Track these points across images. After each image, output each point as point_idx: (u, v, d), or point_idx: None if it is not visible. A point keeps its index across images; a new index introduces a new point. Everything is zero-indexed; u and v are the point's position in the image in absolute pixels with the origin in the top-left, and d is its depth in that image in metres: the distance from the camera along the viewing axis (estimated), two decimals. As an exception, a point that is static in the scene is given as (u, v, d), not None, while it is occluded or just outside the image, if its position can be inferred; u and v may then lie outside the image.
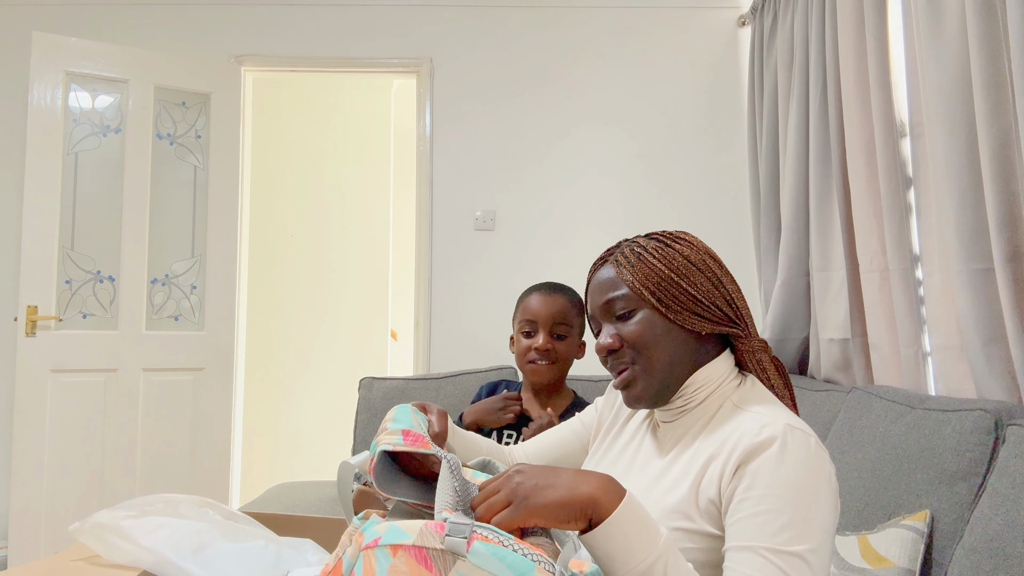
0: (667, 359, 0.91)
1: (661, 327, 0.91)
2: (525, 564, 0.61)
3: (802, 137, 2.44)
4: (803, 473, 0.77)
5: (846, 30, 2.15)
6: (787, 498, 0.76)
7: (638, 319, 0.91)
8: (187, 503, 0.85)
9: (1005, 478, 1.23)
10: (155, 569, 0.72)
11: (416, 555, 0.61)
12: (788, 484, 0.77)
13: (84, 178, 2.96)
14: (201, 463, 3.03)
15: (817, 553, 0.75)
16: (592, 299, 0.97)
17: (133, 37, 3.18)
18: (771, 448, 0.79)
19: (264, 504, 2.40)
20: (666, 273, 0.91)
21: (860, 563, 1.34)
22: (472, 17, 3.26)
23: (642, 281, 0.91)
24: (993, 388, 1.52)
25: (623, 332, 0.93)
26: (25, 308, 2.82)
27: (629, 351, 0.92)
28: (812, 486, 0.77)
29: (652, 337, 0.91)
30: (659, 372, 0.92)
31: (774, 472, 0.77)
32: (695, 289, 0.91)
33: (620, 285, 0.93)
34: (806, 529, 0.75)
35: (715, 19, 3.25)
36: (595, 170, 3.21)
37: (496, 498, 0.70)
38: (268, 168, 3.93)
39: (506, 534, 0.64)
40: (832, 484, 0.80)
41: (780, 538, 0.74)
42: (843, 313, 2.20)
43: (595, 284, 0.97)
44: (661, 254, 0.92)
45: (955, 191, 1.59)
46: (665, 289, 0.90)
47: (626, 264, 0.93)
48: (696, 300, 0.91)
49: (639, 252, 0.93)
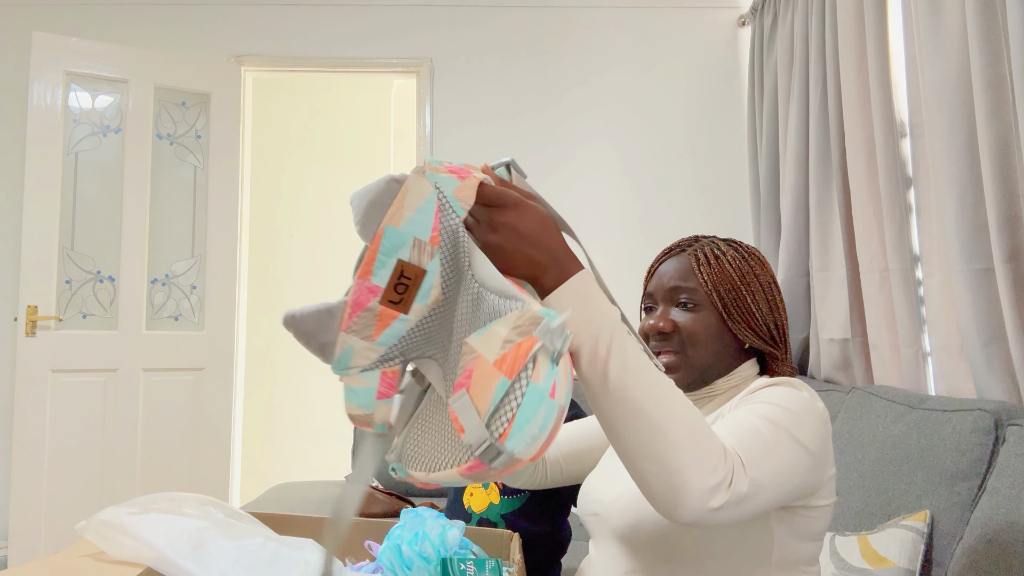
0: (710, 357, 0.98)
1: (715, 328, 0.97)
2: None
3: (802, 137, 2.44)
4: (790, 395, 0.87)
5: (846, 30, 2.16)
6: (773, 401, 0.85)
7: (699, 314, 0.97)
8: (190, 501, 0.85)
9: (1005, 478, 1.23)
10: (156, 565, 0.73)
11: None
12: (774, 396, 0.87)
13: (84, 178, 2.96)
14: (201, 463, 3.03)
15: (788, 430, 0.81)
16: (659, 280, 1.01)
17: (133, 37, 3.18)
18: (767, 387, 0.90)
19: (264, 504, 2.40)
20: (737, 283, 0.97)
21: (860, 563, 1.34)
22: (472, 17, 3.26)
23: (714, 283, 0.97)
24: (993, 388, 1.53)
25: (680, 321, 0.98)
26: (25, 308, 2.82)
27: (679, 339, 0.98)
28: (797, 400, 0.86)
29: (705, 335, 0.97)
30: (698, 367, 0.98)
31: (766, 395, 0.88)
32: (755, 306, 0.98)
33: (692, 278, 0.98)
34: (783, 414, 0.83)
35: (715, 19, 3.26)
36: (595, 170, 3.21)
37: (490, 215, 0.70)
38: (268, 168, 3.93)
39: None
40: (822, 415, 0.87)
41: (760, 411, 0.83)
42: (843, 313, 2.20)
43: (668, 268, 1.01)
44: (736, 264, 0.98)
45: (955, 191, 1.59)
46: (732, 297, 0.97)
47: (704, 262, 0.98)
48: (753, 315, 0.98)
49: (717, 255, 0.99)
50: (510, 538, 1.01)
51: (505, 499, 1.48)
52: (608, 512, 0.96)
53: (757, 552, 0.87)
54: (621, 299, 3.53)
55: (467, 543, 0.96)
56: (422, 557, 0.87)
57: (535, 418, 0.59)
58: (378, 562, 0.90)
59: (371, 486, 2.41)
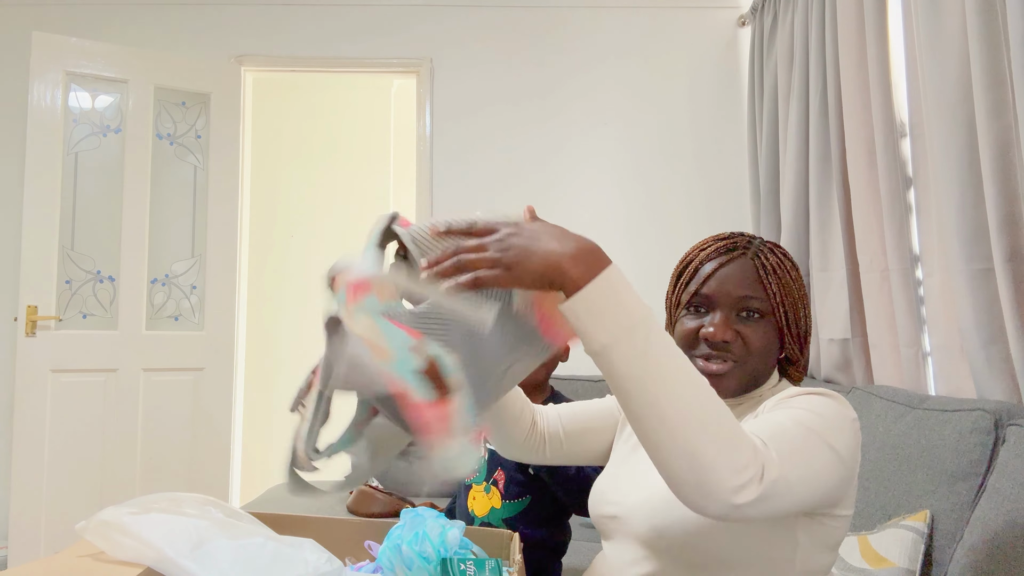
0: (763, 369, 0.97)
1: (774, 341, 0.96)
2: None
3: (802, 137, 2.44)
4: (827, 405, 0.85)
5: (846, 30, 2.15)
6: (808, 409, 0.83)
7: (764, 327, 0.95)
8: (191, 501, 0.85)
9: (1005, 478, 1.23)
10: (156, 565, 0.73)
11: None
12: (811, 404, 0.84)
13: (84, 178, 2.96)
14: (201, 463, 3.03)
15: (824, 437, 0.79)
16: (722, 285, 0.95)
17: (133, 37, 3.18)
18: (804, 395, 0.87)
19: (264, 504, 2.40)
20: (797, 297, 0.96)
21: (860, 563, 1.34)
22: (472, 17, 3.26)
23: (781, 296, 0.94)
24: (993, 388, 1.53)
25: (745, 332, 0.94)
26: (25, 308, 2.82)
27: (740, 350, 0.94)
28: (835, 410, 0.84)
29: (767, 348, 0.95)
30: (751, 377, 0.96)
31: (802, 403, 0.85)
32: (806, 321, 0.98)
33: (759, 287, 0.94)
34: (819, 420, 0.81)
35: (715, 19, 3.26)
36: (595, 169, 3.21)
37: (484, 256, 0.70)
38: (268, 168, 3.93)
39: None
40: (855, 425, 0.86)
41: (796, 415, 0.82)
42: (843, 313, 2.20)
43: (732, 272, 0.96)
44: (793, 276, 0.96)
45: (955, 191, 1.59)
46: (793, 311, 0.95)
47: (772, 271, 0.95)
48: (803, 329, 0.97)
49: (774, 264, 0.96)
50: (510, 538, 1.01)
51: (507, 503, 1.49)
52: (631, 515, 0.95)
53: (782, 561, 0.87)
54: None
55: (467, 543, 0.96)
56: (422, 557, 0.87)
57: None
58: (378, 562, 0.90)
59: (371, 486, 2.42)
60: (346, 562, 0.97)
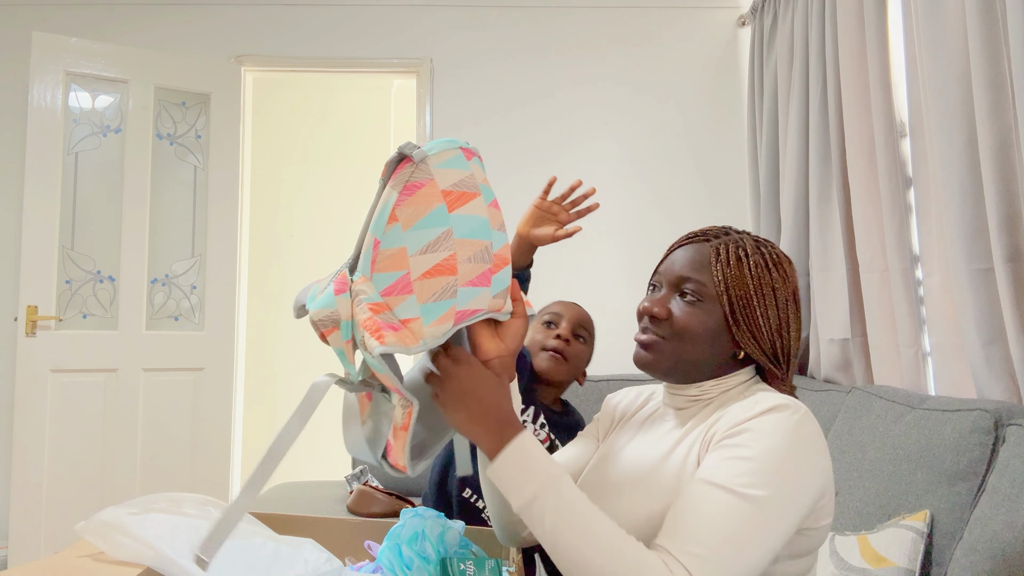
0: (698, 356, 0.93)
1: (714, 329, 0.91)
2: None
3: (802, 137, 2.44)
4: (781, 432, 0.80)
5: (846, 30, 2.15)
6: (758, 448, 0.79)
7: (699, 309, 0.92)
8: (190, 501, 0.85)
9: (1005, 478, 1.23)
10: (156, 565, 0.73)
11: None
12: (762, 436, 0.80)
13: (84, 178, 2.96)
14: (201, 463, 3.03)
15: (773, 504, 0.76)
16: (671, 264, 0.96)
17: (133, 37, 3.18)
18: (758, 415, 0.82)
19: (264, 504, 2.40)
20: (751, 291, 0.91)
21: (860, 563, 1.34)
22: (472, 17, 3.26)
23: (727, 284, 0.91)
24: (993, 388, 1.53)
25: (676, 310, 0.93)
26: (25, 308, 2.82)
27: (669, 328, 0.93)
28: (788, 443, 0.80)
29: (700, 331, 0.91)
30: (684, 360, 0.93)
31: (753, 428, 0.81)
32: (764, 319, 0.91)
33: (705, 272, 0.92)
34: (768, 478, 0.77)
35: (715, 19, 3.26)
36: (595, 169, 3.21)
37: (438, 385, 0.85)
38: (268, 168, 3.93)
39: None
40: (816, 446, 0.82)
41: (739, 480, 0.77)
42: (843, 313, 2.20)
43: (684, 254, 0.96)
44: (757, 272, 0.92)
45: (955, 191, 1.59)
46: (741, 303, 0.91)
47: (724, 259, 0.92)
48: (759, 327, 0.91)
49: (740, 256, 0.93)
50: None
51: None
52: None
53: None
54: (618, 294, 3.52)
55: (467, 543, 0.96)
56: (422, 557, 0.87)
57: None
58: (378, 562, 0.90)
59: (371, 486, 2.41)
60: (346, 562, 0.97)
